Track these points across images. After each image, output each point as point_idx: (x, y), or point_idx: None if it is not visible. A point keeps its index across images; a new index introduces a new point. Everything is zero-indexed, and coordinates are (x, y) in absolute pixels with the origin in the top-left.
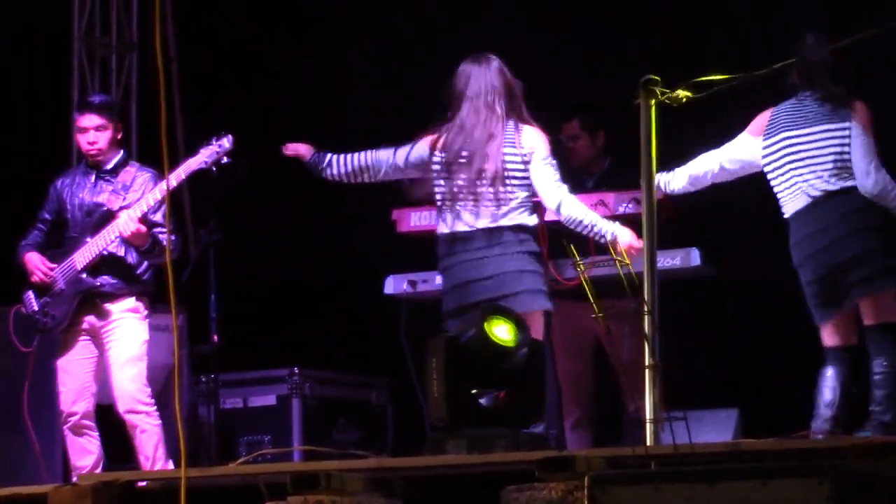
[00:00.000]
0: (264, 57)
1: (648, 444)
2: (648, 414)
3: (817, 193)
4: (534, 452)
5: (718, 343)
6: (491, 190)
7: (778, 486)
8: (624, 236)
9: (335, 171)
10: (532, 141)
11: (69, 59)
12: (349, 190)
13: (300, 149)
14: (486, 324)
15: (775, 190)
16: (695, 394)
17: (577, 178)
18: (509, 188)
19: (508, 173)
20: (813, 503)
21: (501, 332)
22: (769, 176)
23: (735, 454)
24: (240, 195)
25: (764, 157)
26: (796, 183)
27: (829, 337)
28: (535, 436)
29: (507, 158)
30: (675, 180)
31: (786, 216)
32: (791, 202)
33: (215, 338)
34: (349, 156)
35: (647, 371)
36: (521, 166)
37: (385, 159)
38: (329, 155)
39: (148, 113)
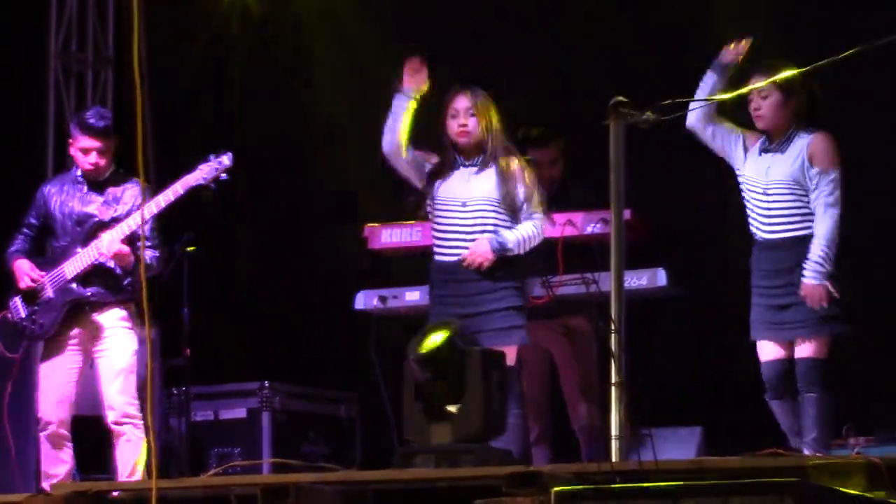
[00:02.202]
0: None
1: (613, 460)
2: (614, 430)
3: None
4: (501, 467)
5: (683, 362)
6: None
7: (740, 503)
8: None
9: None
10: None
11: (46, 74)
12: (320, 205)
13: (476, 253)
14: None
15: None
16: (659, 411)
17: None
18: None
19: None
20: None
21: (435, 338)
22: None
23: (698, 471)
24: (212, 209)
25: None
26: None
27: None
28: (502, 451)
29: None
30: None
31: None
32: None
33: (187, 351)
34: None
35: (612, 388)
36: None
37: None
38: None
39: (123, 126)
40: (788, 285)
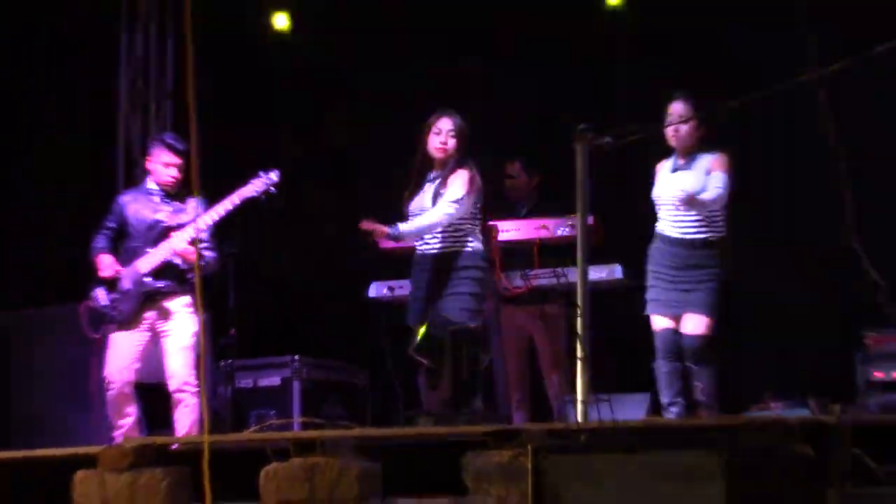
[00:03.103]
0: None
1: (579, 420)
2: (579, 396)
3: None
4: (487, 426)
5: (635, 340)
6: None
7: (683, 457)
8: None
9: (410, 241)
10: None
11: (116, 107)
12: (341, 214)
13: (377, 227)
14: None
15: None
16: (616, 381)
17: (511, 206)
18: None
19: None
20: (708, 468)
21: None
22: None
23: (648, 429)
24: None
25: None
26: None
27: None
28: (489, 413)
29: None
30: None
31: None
32: None
33: (233, 331)
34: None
35: (578, 362)
36: None
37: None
38: (397, 226)
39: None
40: (689, 278)
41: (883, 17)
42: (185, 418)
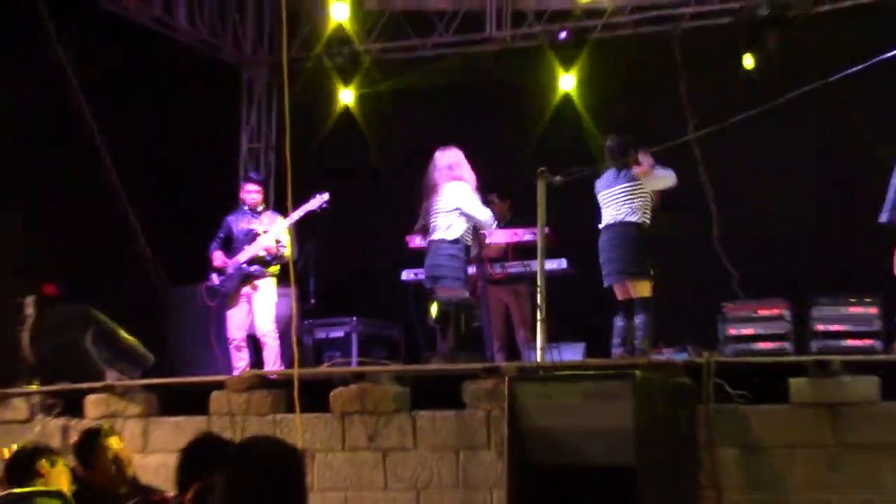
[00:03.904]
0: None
1: (538, 360)
2: (539, 344)
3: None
4: (478, 364)
5: (575, 308)
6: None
7: (606, 384)
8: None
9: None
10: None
11: (237, 157)
12: (384, 224)
13: None
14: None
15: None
16: (562, 335)
17: (500, 219)
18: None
19: None
20: (623, 394)
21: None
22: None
23: (584, 366)
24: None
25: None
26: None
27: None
28: (480, 355)
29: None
30: None
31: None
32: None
33: (312, 301)
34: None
35: (538, 322)
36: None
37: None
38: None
39: (276, 183)
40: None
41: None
42: (269, 355)
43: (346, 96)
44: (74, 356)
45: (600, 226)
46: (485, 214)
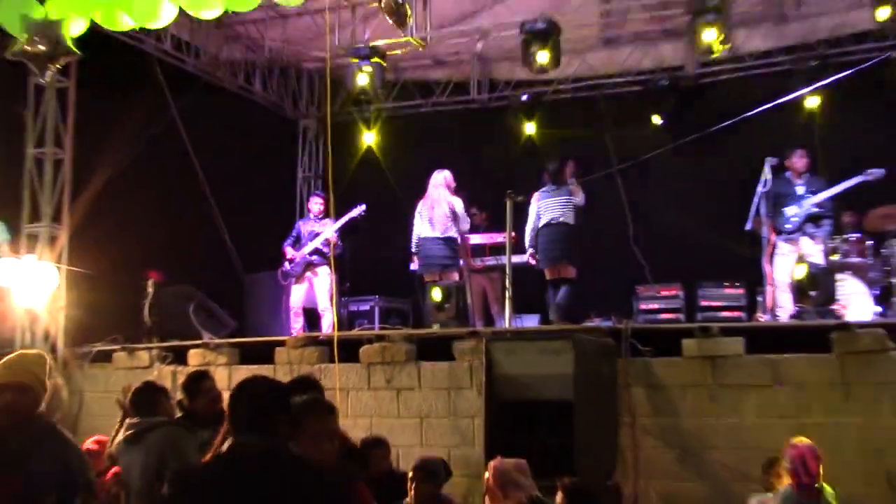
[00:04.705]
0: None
1: (506, 326)
2: (507, 314)
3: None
4: (465, 329)
5: (532, 290)
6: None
7: (554, 343)
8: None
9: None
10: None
11: (295, 182)
12: (400, 228)
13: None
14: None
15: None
16: (523, 308)
17: (475, 228)
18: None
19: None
20: (566, 350)
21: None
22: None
23: (538, 330)
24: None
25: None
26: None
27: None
28: (466, 322)
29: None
30: None
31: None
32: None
33: (347, 284)
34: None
35: (507, 300)
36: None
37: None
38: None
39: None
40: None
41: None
42: (326, 321)
43: (369, 138)
44: (181, 321)
45: (540, 224)
46: (465, 225)
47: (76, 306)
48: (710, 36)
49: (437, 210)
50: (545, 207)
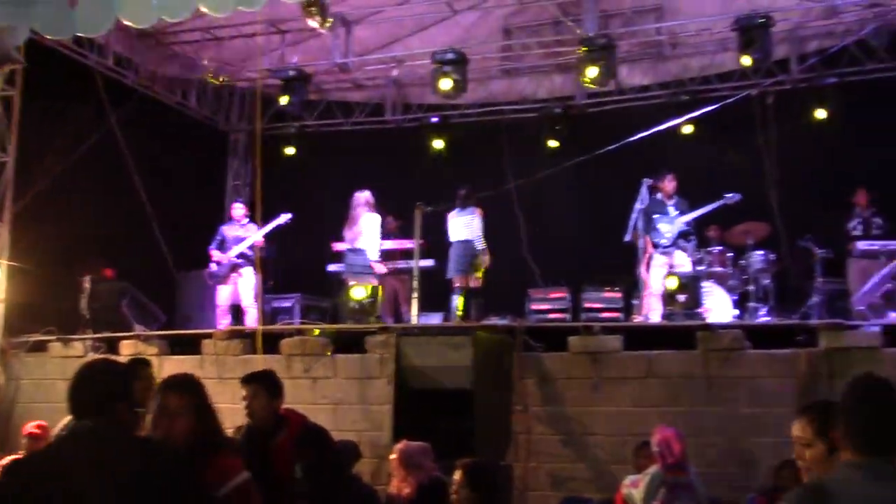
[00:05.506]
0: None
1: (413, 322)
2: (414, 312)
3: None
4: (376, 325)
5: (436, 292)
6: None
7: (455, 338)
8: None
9: None
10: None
11: (224, 188)
12: (319, 233)
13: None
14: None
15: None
16: (428, 307)
17: (387, 235)
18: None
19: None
20: (466, 344)
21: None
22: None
23: (442, 327)
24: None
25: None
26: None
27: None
28: (379, 320)
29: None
30: None
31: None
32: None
33: (271, 282)
34: None
35: (414, 300)
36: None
37: None
38: None
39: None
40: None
41: None
42: (250, 317)
43: (295, 152)
44: (115, 314)
45: (451, 240)
46: (376, 242)
47: (14, 299)
48: (592, 73)
49: (356, 227)
50: (454, 225)
